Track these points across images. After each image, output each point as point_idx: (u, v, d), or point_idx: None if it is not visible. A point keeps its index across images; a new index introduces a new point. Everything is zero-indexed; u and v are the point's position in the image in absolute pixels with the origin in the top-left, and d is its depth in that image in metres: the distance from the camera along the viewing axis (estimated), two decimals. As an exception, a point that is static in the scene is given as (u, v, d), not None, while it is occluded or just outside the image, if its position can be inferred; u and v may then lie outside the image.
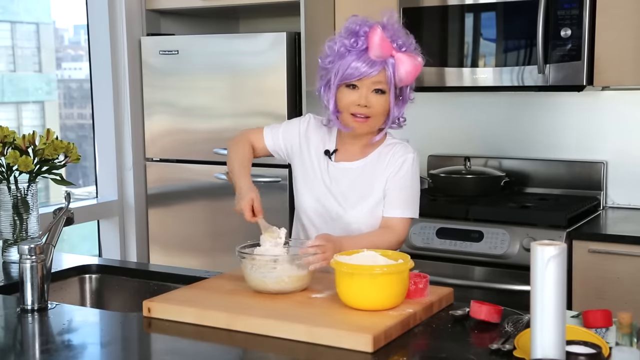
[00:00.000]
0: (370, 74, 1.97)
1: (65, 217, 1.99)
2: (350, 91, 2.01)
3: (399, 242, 2.07)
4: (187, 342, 1.66)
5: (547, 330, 1.33)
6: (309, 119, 2.21)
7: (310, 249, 1.85)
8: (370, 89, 2.00)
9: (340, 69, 1.99)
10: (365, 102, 2.00)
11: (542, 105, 3.35)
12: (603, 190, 3.24)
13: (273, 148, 2.22)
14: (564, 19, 2.87)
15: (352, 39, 1.98)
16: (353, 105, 2.02)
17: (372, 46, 1.95)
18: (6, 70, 4.00)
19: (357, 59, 1.97)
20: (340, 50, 2.00)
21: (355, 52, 1.97)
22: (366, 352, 1.52)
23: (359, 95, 2.00)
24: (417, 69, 2.00)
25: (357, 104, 2.01)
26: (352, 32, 2.00)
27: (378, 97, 2.01)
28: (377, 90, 2.00)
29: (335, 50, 2.01)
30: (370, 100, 2.00)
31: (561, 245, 1.33)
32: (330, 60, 2.03)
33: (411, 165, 2.10)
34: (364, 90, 2.00)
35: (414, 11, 3.15)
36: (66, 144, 2.35)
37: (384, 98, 2.01)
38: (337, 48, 2.01)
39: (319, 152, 2.16)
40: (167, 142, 3.59)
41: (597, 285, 2.69)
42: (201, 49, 3.46)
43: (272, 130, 2.22)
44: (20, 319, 1.82)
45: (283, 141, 2.20)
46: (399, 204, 2.08)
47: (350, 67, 1.98)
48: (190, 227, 3.56)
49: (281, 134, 2.21)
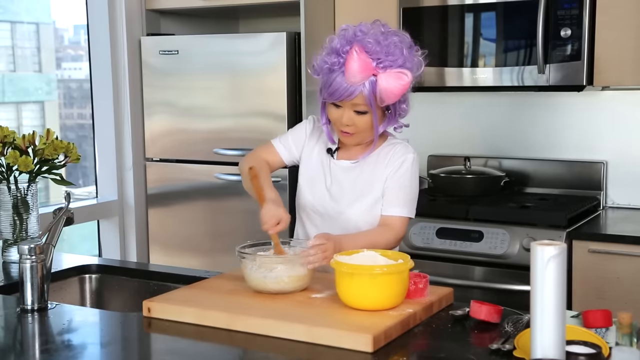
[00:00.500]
0: (349, 97, 1.96)
1: (65, 217, 1.99)
2: (335, 109, 2.03)
3: (396, 241, 2.08)
4: (187, 342, 1.66)
5: (547, 330, 1.33)
6: (312, 120, 2.23)
7: (310, 249, 1.85)
8: (352, 109, 2.00)
9: (324, 87, 2.01)
10: (348, 121, 2.02)
11: (542, 105, 3.35)
12: (603, 190, 3.24)
13: (290, 159, 2.22)
14: (564, 19, 2.87)
15: (334, 58, 1.97)
16: (338, 121, 2.04)
17: (349, 71, 1.93)
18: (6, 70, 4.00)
19: (336, 80, 1.95)
20: (324, 67, 2.00)
21: (337, 71, 1.96)
22: (366, 352, 1.52)
23: (341, 114, 2.02)
24: (403, 87, 1.95)
25: (341, 122, 2.03)
26: (334, 50, 1.98)
27: (360, 117, 2.01)
28: (357, 112, 2.00)
29: (320, 67, 2.02)
30: (353, 120, 2.01)
31: (561, 245, 1.33)
32: (318, 74, 2.04)
33: (411, 165, 2.10)
34: (346, 111, 2.01)
35: (414, 11, 3.15)
36: (66, 144, 2.35)
37: (366, 117, 2.01)
38: (322, 65, 2.01)
39: (322, 150, 2.18)
40: (167, 142, 3.59)
41: (597, 285, 2.69)
42: (201, 49, 3.46)
43: (282, 141, 2.22)
44: (20, 319, 1.82)
45: (296, 149, 2.21)
46: (398, 203, 2.08)
47: (332, 86, 1.97)
48: (190, 227, 3.56)
49: (292, 143, 2.21)
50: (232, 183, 3.40)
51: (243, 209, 3.36)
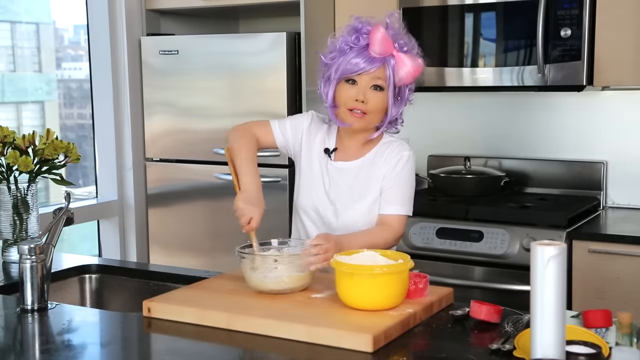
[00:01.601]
0: (370, 70, 2.00)
1: (65, 217, 1.99)
2: (350, 86, 2.04)
3: (395, 240, 2.08)
4: (187, 342, 1.66)
5: (547, 330, 1.33)
6: (312, 115, 2.23)
7: (311, 250, 1.85)
8: (369, 85, 2.02)
9: (341, 64, 2.03)
10: (363, 97, 2.02)
11: (542, 105, 3.35)
12: (603, 190, 3.24)
13: (283, 144, 2.21)
14: (564, 19, 2.87)
15: (354, 36, 2.02)
16: (351, 100, 2.04)
17: (373, 42, 1.99)
18: (6, 70, 4.00)
19: (357, 55, 2.00)
20: (342, 46, 2.04)
21: (357, 48, 2.01)
22: (366, 352, 1.52)
23: (357, 90, 2.03)
24: (418, 70, 2.03)
25: (354, 99, 2.03)
26: (354, 29, 2.04)
27: (376, 93, 2.03)
28: (375, 87, 2.02)
29: (337, 46, 2.05)
30: (368, 96, 2.03)
31: (561, 245, 1.33)
32: (332, 57, 2.06)
33: (407, 162, 2.11)
34: (362, 86, 2.02)
35: (414, 11, 3.15)
36: (66, 144, 2.35)
37: (381, 95, 2.03)
38: (339, 44, 2.05)
39: (320, 150, 2.17)
40: (167, 142, 3.59)
41: (597, 285, 2.69)
42: (201, 49, 3.46)
43: (280, 125, 2.21)
44: (20, 319, 1.82)
45: (292, 137, 2.20)
46: (396, 201, 2.09)
47: (350, 62, 2.01)
48: (190, 227, 3.56)
49: (289, 129, 2.20)
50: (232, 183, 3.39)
51: (243, 209, 3.35)
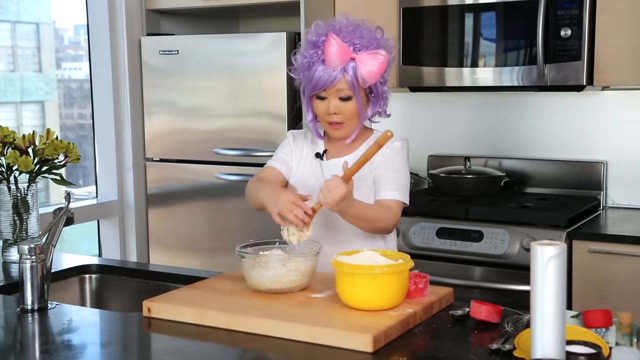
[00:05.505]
0: (333, 84, 2.01)
1: (65, 217, 1.99)
2: (321, 102, 2.07)
3: (393, 224, 2.07)
4: (187, 342, 1.66)
5: (547, 330, 1.33)
6: (292, 133, 2.26)
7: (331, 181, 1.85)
8: (336, 97, 2.04)
9: (307, 82, 2.06)
10: (334, 110, 2.05)
11: (541, 105, 3.35)
12: (603, 190, 3.24)
13: (288, 172, 2.21)
14: (564, 19, 2.87)
15: (312, 51, 2.03)
16: (325, 114, 2.07)
17: (327, 57, 1.99)
18: (6, 70, 4.00)
19: (317, 71, 2.01)
20: (303, 62, 2.05)
21: (317, 63, 2.02)
22: (366, 352, 1.52)
23: (327, 105, 2.05)
24: (382, 66, 2.01)
25: (327, 113, 2.06)
26: (311, 43, 2.04)
27: (346, 103, 2.05)
28: (342, 98, 2.04)
29: (300, 63, 2.07)
30: (340, 108, 2.05)
31: (561, 245, 1.33)
32: (298, 73, 2.09)
33: (399, 151, 2.12)
34: (331, 100, 2.05)
35: (414, 11, 3.15)
36: (66, 144, 2.35)
37: (351, 103, 2.05)
38: (300, 61, 2.06)
39: (310, 157, 2.19)
40: (167, 142, 3.59)
41: (597, 285, 2.69)
42: (201, 49, 3.46)
43: (276, 160, 2.22)
44: (20, 319, 1.82)
45: (288, 160, 2.21)
46: (392, 187, 2.08)
47: (314, 78, 2.02)
48: (190, 227, 3.56)
49: (284, 156, 2.21)
50: (232, 183, 3.40)
51: (243, 209, 3.35)
